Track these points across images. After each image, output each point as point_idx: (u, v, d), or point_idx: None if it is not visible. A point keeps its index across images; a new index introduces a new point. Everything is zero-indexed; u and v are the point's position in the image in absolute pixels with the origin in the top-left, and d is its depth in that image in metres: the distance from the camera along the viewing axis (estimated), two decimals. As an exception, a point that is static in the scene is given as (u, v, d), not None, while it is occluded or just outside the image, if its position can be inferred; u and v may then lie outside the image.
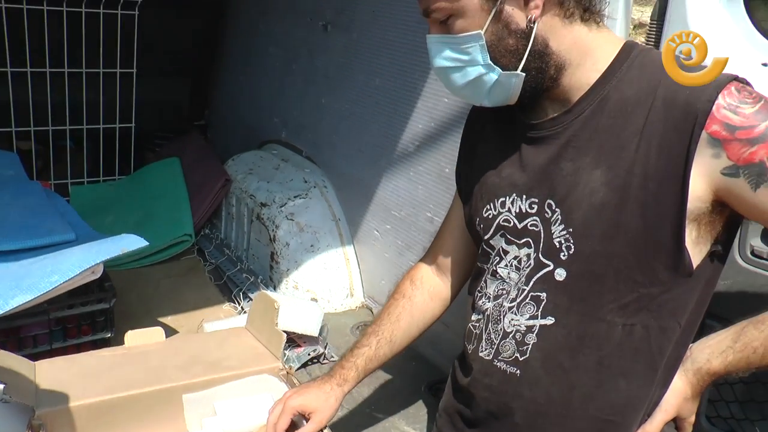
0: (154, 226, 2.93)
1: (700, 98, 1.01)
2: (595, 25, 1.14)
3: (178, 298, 2.59)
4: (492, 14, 1.07)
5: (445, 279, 1.47)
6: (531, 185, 1.18)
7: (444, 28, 1.12)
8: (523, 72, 1.11)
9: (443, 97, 2.12)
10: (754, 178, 1.00)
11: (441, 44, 1.13)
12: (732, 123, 1.00)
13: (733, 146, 1.00)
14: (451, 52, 1.12)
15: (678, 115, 1.03)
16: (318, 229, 2.70)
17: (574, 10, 1.10)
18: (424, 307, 1.45)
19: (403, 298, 1.45)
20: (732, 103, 1.00)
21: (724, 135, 1.00)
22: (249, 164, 3.10)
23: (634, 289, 1.09)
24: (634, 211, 1.06)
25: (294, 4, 3.05)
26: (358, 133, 2.61)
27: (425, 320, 1.46)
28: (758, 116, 1.00)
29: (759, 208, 1.02)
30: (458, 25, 1.10)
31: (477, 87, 1.14)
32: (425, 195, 2.25)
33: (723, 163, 1.01)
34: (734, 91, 1.01)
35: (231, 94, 3.78)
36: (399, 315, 1.43)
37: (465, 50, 1.10)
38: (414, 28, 2.24)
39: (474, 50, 1.10)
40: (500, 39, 1.09)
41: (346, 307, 2.68)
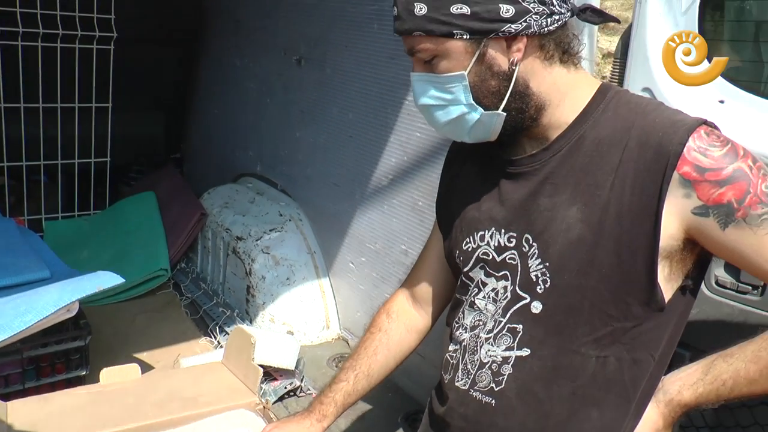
0: (129, 261, 2.93)
1: (672, 140, 1.05)
2: (573, 66, 1.17)
3: (154, 333, 2.59)
4: (475, 56, 1.10)
5: (422, 311, 1.48)
6: (510, 220, 1.21)
7: (428, 67, 1.14)
8: (504, 112, 1.14)
9: (416, 132, 2.16)
10: (723, 218, 1.03)
11: (425, 83, 1.16)
12: (702, 165, 1.03)
13: (703, 187, 1.04)
14: (435, 91, 1.15)
15: (651, 156, 1.06)
16: (294, 262, 2.71)
17: (553, 52, 1.14)
18: (401, 340, 1.46)
19: (379, 332, 1.46)
20: (702, 146, 1.04)
21: (694, 176, 1.04)
22: (225, 198, 3.11)
23: (608, 322, 1.12)
24: (609, 247, 1.09)
25: (268, 38, 3.09)
26: (333, 167, 2.64)
27: (402, 353, 1.47)
28: (726, 159, 1.03)
29: (727, 246, 1.06)
30: (442, 65, 1.12)
31: (459, 125, 1.17)
32: (399, 228, 2.28)
33: (694, 203, 1.05)
34: (704, 135, 1.05)
35: (206, 128, 3.80)
36: (376, 349, 1.44)
37: (449, 90, 1.13)
38: (386, 63, 2.29)
39: (457, 90, 1.13)
40: (483, 80, 1.12)
41: (323, 340, 2.69)
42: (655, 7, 1.42)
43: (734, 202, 1.02)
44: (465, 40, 1.09)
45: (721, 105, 1.40)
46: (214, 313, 2.77)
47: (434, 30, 1.09)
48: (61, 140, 3.26)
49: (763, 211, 1.02)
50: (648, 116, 1.10)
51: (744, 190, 1.02)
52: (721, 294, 1.48)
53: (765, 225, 1.02)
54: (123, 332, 2.56)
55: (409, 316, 1.48)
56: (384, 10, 2.28)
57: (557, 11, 1.10)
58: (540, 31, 1.09)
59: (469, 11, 1.07)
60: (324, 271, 2.74)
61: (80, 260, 3.00)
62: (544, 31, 1.10)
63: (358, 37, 2.44)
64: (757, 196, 1.02)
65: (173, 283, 3.02)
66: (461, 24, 1.07)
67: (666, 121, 1.08)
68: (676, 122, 1.07)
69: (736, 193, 1.02)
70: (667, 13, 1.42)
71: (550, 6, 1.09)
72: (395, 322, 1.47)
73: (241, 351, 2.07)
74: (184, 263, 3.17)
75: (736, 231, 1.04)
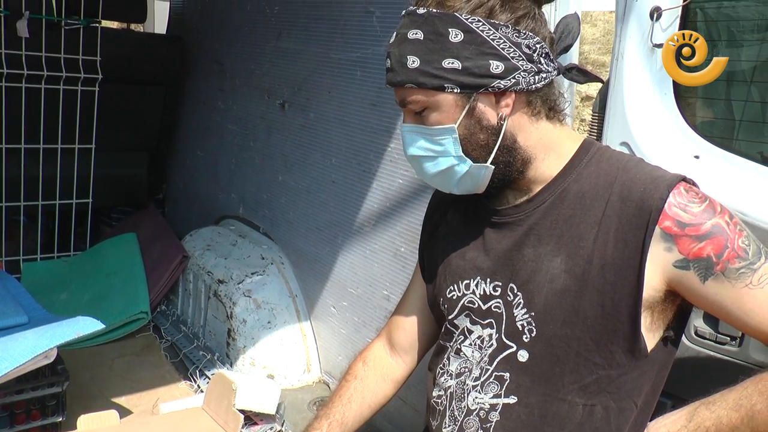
0: (109, 304, 2.91)
1: (653, 196, 1.09)
2: (558, 122, 1.22)
3: (133, 378, 2.56)
4: (465, 110, 1.14)
5: (399, 359, 1.49)
6: (495, 269, 1.23)
7: (419, 119, 1.17)
8: (492, 165, 1.17)
9: (398, 178, 2.18)
10: (703, 271, 1.08)
11: (415, 134, 1.18)
12: (682, 220, 1.08)
13: (684, 241, 1.08)
14: (425, 142, 1.17)
15: (633, 211, 1.10)
16: (275, 305, 2.70)
17: (540, 109, 1.18)
18: (376, 388, 1.46)
19: (354, 380, 1.46)
20: (682, 202, 1.09)
21: (675, 231, 1.08)
22: (206, 240, 3.11)
23: (594, 371, 1.15)
24: (593, 297, 1.12)
25: (251, 81, 3.12)
26: (315, 211, 2.65)
27: (377, 401, 1.47)
28: (704, 215, 1.08)
29: (707, 299, 1.10)
30: (433, 117, 1.15)
31: (448, 176, 1.19)
32: (381, 273, 2.29)
33: (675, 256, 1.09)
34: (683, 191, 1.10)
35: (189, 169, 3.80)
36: (350, 397, 1.44)
37: (438, 141, 1.16)
38: (369, 109, 2.32)
39: (447, 142, 1.16)
40: (472, 133, 1.15)
41: (303, 383, 2.67)
42: (632, 63, 1.46)
43: (713, 257, 1.07)
44: (455, 93, 1.13)
45: (696, 160, 1.43)
46: (194, 357, 2.74)
47: (426, 83, 1.12)
48: (42, 181, 3.24)
49: (740, 265, 1.07)
50: (629, 172, 1.15)
51: (722, 245, 1.07)
52: (701, 344, 1.50)
53: (742, 278, 1.07)
54: (101, 376, 2.53)
55: (385, 365, 1.49)
56: (366, 58, 2.32)
57: (544, 69, 1.15)
58: (528, 87, 1.14)
59: (461, 66, 1.11)
60: (305, 314, 2.73)
61: (59, 302, 2.97)
62: (532, 88, 1.14)
63: (341, 83, 2.48)
64: (734, 251, 1.07)
65: (153, 325, 2.99)
66: (452, 78, 1.11)
67: (647, 177, 1.12)
68: (656, 178, 1.12)
69: (715, 247, 1.07)
70: (644, 70, 1.46)
71: (537, 64, 1.14)
72: (371, 370, 1.48)
73: (222, 397, 2.06)
74: (164, 306, 3.15)
75: (715, 284, 1.08)
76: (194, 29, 3.74)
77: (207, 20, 3.62)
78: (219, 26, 3.45)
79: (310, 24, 2.67)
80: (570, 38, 1.21)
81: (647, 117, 1.47)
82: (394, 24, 2.15)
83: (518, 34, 1.11)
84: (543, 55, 1.14)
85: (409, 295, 1.50)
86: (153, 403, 2.35)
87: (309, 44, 2.67)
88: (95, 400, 2.28)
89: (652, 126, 1.47)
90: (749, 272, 1.06)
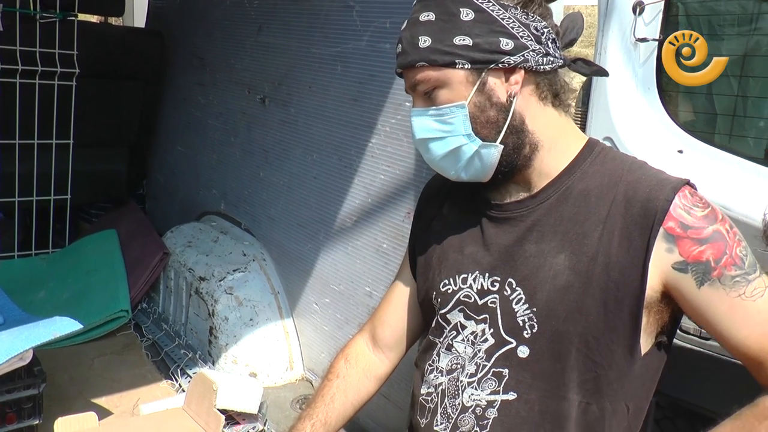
0: (88, 302, 2.86)
1: (658, 197, 1.10)
2: (563, 112, 1.23)
3: (112, 377, 2.52)
4: (476, 86, 1.15)
5: (382, 356, 1.48)
6: (495, 264, 1.23)
7: (428, 102, 1.19)
8: (501, 144, 1.17)
9: (380, 174, 2.16)
10: (700, 275, 1.08)
11: (425, 116, 1.19)
12: (685, 222, 1.09)
13: (685, 243, 1.09)
14: (434, 123, 1.18)
15: (638, 211, 1.11)
16: (257, 302, 2.68)
17: (547, 93, 1.20)
18: (359, 386, 1.45)
19: (336, 378, 1.45)
20: (686, 204, 1.10)
21: (678, 232, 1.09)
22: (188, 237, 3.07)
23: (593, 369, 1.15)
24: (596, 295, 1.13)
25: (232, 76, 3.09)
26: (297, 207, 2.63)
27: (360, 399, 1.46)
28: (707, 220, 1.09)
29: (700, 306, 1.10)
30: (442, 95, 1.16)
31: (455, 157, 1.19)
32: (363, 270, 2.27)
33: (675, 258, 1.09)
34: (688, 195, 1.11)
35: (169, 164, 3.76)
36: (333, 396, 1.42)
37: (448, 120, 1.17)
38: (350, 105, 2.30)
39: (457, 120, 1.16)
40: (482, 110, 1.16)
41: (286, 381, 2.65)
42: (615, 58, 1.45)
43: (712, 261, 1.08)
44: (466, 69, 1.14)
45: (680, 155, 1.43)
46: (175, 355, 2.71)
47: (437, 60, 1.14)
48: (19, 177, 3.19)
49: (736, 273, 1.08)
50: (634, 173, 1.16)
51: (721, 251, 1.08)
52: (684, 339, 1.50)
53: (737, 287, 1.08)
54: (80, 377, 2.49)
55: (368, 361, 1.48)
56: (347, 53, 2.29)
57: (552, 54, 1.17)
58: (536, 67, 1.15)
59: (471, 42, 1.12)
60: (288, 311, 2.71)
61: (37, 301, 2.92)
62: (540, 69, 1.16)
63: (322, 78, 2.45)
64: (732, 258, 1.08)
65: (134, 323, 2.95)
66: (463, 54, 1.13)
67: (652, 178, 1.14)
68: (661, 180, 1.13)
69: (715, 252, 1.08)
70: (626, 64, 1.45)
71: (545, 47, 1.16)
72: (353, 368, 1.46)
73: (203, 397, 2.03)
74: (145, 303, 3.11)
75: (710, 290, 1.08)
76: (174, 23, 3.70)
77: (186, 14, 3.57)
78: (198, 20, 3.41)
79: (290, 18, 2.64)
80: (574, 33, 1.23)
81: (630, 111, 1.47)
82: (374, 18, 2.15)
83: (527, 16, 1.14)
84: (550, 40, 1.17)
85: (394, 290, 1.49)
86: (133, 404, 2.32)
87: (289, 39, 2.64)
88: (74, 401, 2.25)
89: (636, 120, 1.46)
90: (744, 282, 1.08)
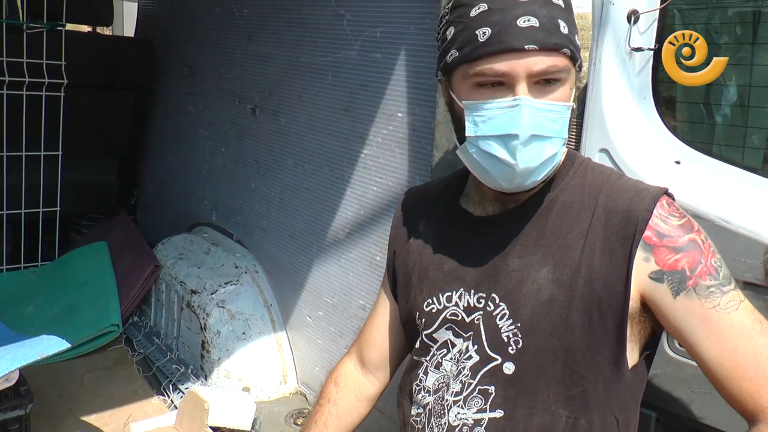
0: (78, 317, 2.82)
1: (639, 207, 1.09)
2: None
3: (103, 394, 2.48)
4: (573, 89, 1.11)
5: (371, 376, 1.46)
6: (478, 280, 1.20)
7: (540, 93, 1.07)
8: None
9: (372, 186, 2.13)
10: (676, 285, 1.06)
11: (543, 109, 1.07)
12: (661, 231, 1.08)
13: (661, 252, 1.07)
14: (548, 120, 1.07)
15: (618, 222, 1.10)
16: (249, 315, 2.64)
17: None
18: (351, 409, 1.43)
19: (328, 403, 1.43)
20: (663, 214, 1.09)
21: (654, 241, 1.08)
22: (179, 248, 3.03)
23: (580, 383, 1.12)
24: (580, 308, 1.10)
25: (222, 85, 3.05)
26: (289, 219, 2.59)
27: (353, 422, 1.44)
28: (683, 229, 1.09)
29: (676, 317, 1.07)
30: (561, 92, 1.08)
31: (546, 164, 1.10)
32: (357, 282, 2.23)
33: (651, 267, 1.08)
34: (665, 205, 1.10)
35: (161, 175, 3.72)
36: (326, 422, 1.40)
37: (559, 120, 1.09)
38: (341, 115, 2.26)
39: (564, 122, 1.09)
40: None
41: (280, 395, 2.61)
42: (610, 69, 1.42)
43: (687, 270, 1.06)
44: (576, 70, 1.10)
45: (677, 165, 1.40)
46: (167, 370, 2.67)
47: (575, 53, 1.08)
48: (7, 189, 3.15)
49: (711, 283, 1.06)
50: (614, 184, 1.14)
51: (696, 260, 1.07)
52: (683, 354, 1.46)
53: (712, 298, 1.06)
54: (70, 393, 2.45)
55: (357, 384, 1.45)
56: (338, 62, 2.26)
57: None
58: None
59: (577, 42, 1.09)
60: (281, 324, 2.68)
61: (26, 315, 2.88)
62: None
63: (313, 88, 2.42)
64: (707, 268, 1.06)
65: (125, 338, 2.91)
66: (578, 54, 1.10)
67: (631, 189, 1.12)
68: (641, 190, 1.12)
69: (690, 261, 1.07)
70: (622, 75, 1.42)
71: None
72: (344, 391, 1.44)
73: (195, 416, 2.00)
74: (137, 317, 3.07)
75: (686, 300, 1.06)
76: (163, 31, 3.66)
77: (176, 22, 3.54)
78: (188, 28, 3.37)
79: (279, 27, 2.61)
80: None
81: (626, 122, 1.43)
82: (365, 28, 2.12)
83: None
84: None
85: (377, 311, 1.46)
86: (124, 422, 2.28)
87: (279, 48, 2.61)
88: (63, 420, 2.21)
89: (632, 131, 1.43)
90: (719, 293, 1.05)
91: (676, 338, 1.11)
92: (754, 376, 1.02)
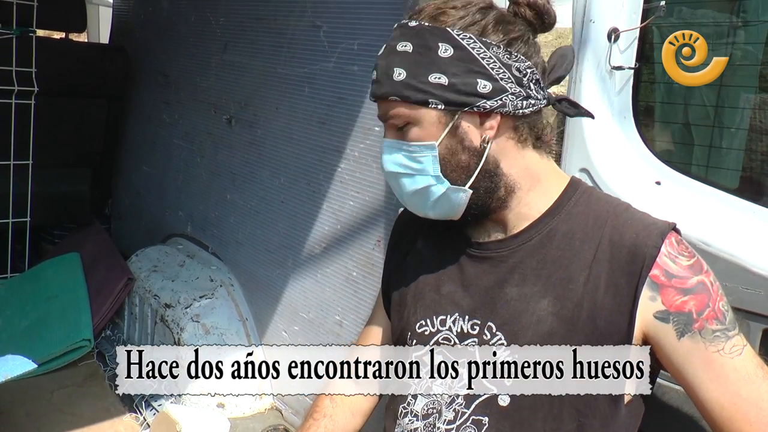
0: (48, 331, 2.75)
1: (646, 243, 1.06)
2: (545, 154, 1.19)
3: (74, 412, 2.41)
4: (448, 128, 1.10)
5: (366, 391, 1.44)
6: (475, 306, 1.18)
7: (400, 134, 1.14)
8: (470, 189, 1.12)
9: (348, 200, 2.09)
10: (681, 326, 1.04)
11: (395, 149, 1.14)
12: (670, 271, 1.05)
13: (668, 292, 1.05)
14: (403, 158, 1.13)
15: (624, 257, 1.07)
16: (224, 330, 2.59)
17: (527, 136, 1.15)
18: (347, 424, 1.42)
19: (323, 418, 1.41)
20: (672, 253, 1.06)
21: (662, 280, 1.05)
22: (153, 261, 2.98)
23: (576, 418, 1.10)
24: (581, 342, 1.08)
25: (197, 95, 3.00)
26: (265, 232, 2.55)
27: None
28: (692, 270, 1.06)
29: (678, 358, 1.06)
30: (414, 133, 1.11)
31: (424, 197, 1.15)
32: (333, 298, 2.20)
33: (657, 306, 1.05)
34: (674, 242, 1.07)
35: (135, 185, 3.66)
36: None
37: (417, 159, 1.12)
38: (317, 128, 2.23)
39: (426, 160, 1.11)
40: (453, 153, 1.11)
41: (255, 410, 2.56)
42: (590, 87, 1.40)
43: (694, 312, 1.04)
44: (439, 110, 1.09)
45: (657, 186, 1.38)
46: (140, 386, 2.62)
47: (410, 96, 1.08)
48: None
49: (717, 327, 1.04)
50: (620, 216, 1.11)
51: (704, 303, 1.04)
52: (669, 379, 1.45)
53: (716, 342, 1.03)
54: (38, 412, 2.38)
55: (352, 399, 1.43)
56: (315, 74, 2.22)
57: (533, 96, 1.11)
58: (515, 112, 1.10)
59: (447, 82, 1.07)
60: (256, 339, 2.63)
61: (-6, 330, 2.81)
62: (519, 113, 1.10)
63: (289, 99, 2.38)
64: (714, 312, 1.04)
65: (97, 352, 2.84)
66: (437, 94, 1.07)
67: (638, 223, 1.09)
68: (648, 225, 1.09)
69: (697, 304, 1.04)
70: (602, 93, 1.41)
71: (527, 89, 1.10)
72: (339, 406, 1.42)
73: (165, 436, 1.95)
74: (109, 330, 3.00)
75: (690, 342, 1.04)
76: (138, 39, 3.60)
77: (151, 29, 3.48)
78: (164, 36, 3.32)
79: (256, 37, 2.57)
80: (563, 69, 1.17)
81: (607, 142, 1.42)
82: (342, 40, 2.09)
83: (509, 55, 1.08)
84: (533, 81, 1.11)
85: (372, 327, 1.45)
86: (94, 441, 2.23)
87: (255, 58, 2.57)
88: (31, 441, 2.15)
89: (612, 151, 1.42)
90: (724, 338, 1.04)
91: (676, 378, 1.09)
92: (755, 420, 1.02)
